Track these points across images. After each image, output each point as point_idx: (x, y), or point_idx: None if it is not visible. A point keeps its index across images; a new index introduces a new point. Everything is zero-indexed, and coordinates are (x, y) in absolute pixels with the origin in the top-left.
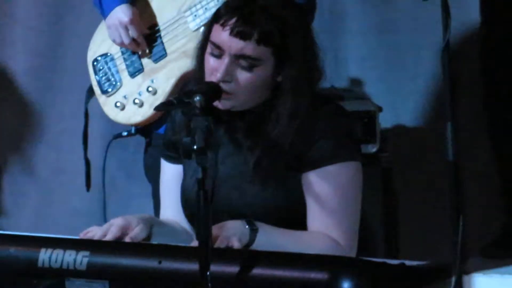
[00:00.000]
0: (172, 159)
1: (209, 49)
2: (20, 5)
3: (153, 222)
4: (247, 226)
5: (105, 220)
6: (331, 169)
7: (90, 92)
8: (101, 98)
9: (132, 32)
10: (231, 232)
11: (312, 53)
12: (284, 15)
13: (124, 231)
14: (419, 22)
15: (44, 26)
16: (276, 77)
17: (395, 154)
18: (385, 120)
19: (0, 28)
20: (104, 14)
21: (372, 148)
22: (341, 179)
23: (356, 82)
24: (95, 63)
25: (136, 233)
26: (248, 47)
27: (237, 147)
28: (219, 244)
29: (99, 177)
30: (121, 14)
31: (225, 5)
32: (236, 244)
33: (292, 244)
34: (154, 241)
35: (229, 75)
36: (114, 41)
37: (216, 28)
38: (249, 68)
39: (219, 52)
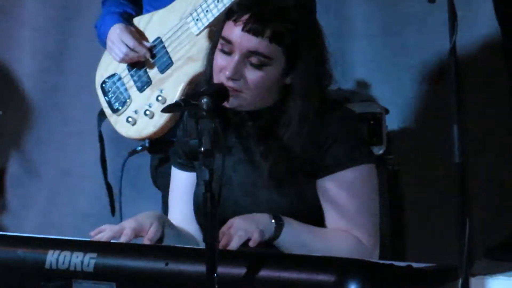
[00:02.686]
0: (183, 166)
1: (219, 45)
2: (27, 7)
3: (165, 220)
4: (273, 220)
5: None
6: (346, 174)
7: (101, 115)
8: (112, 118)
9: (127, 41)
10: (255, 224)
11: (322, 56)
12: (297, 17)
13: (137, 232)
14: (425, 25)
15: (50, 28)
16: (285, 78)
17: (401, 156)
18: (391, 122)
19: (7, 30)
20: (101, 40)
21: (379, 150)
22: (357, 183)
23: (362, 84)
24: (103, 85)
25: (152, 234)
26: (260, 44)
27: (249, 154)
28: (238, 236)
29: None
30: (113, 31)
31: (238, 2)
32: (256, 236)
33: (317, 242)
34: (165, 242)
35: (238, 73)
36: (118, 60)
37: (228, 24)
38: (259, 67)
39: (229, 49)
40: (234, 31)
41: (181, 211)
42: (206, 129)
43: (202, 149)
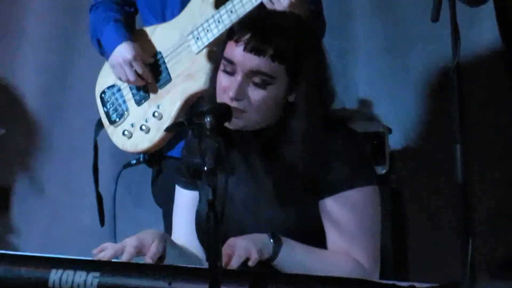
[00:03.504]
0: (186, 185)
1: (222, 66)
2: (31, 25)
3: (166, 238)
4: (271, 240)
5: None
6: (349, 194)
7: (99, 125)
8: (109, 129)
9: (137, 68)
10: (252, 243)
11: (325, 74)
12: (299, 35)
13: (139, 250)
14: (428, 43)
15: (54, 46)
16: (288, 96)
17: (404, 175)
18: (394, 141)
19: (11, 47)
20: (106, 54)
21: (382, 170)
22: (359, 204)
23: (365, 103)
24: (102, 95)
25: (154, 252)
26: (262, 63)
27: (252, 172)
28: (237, 255)
29: (110, 203)
30: (124, 52)
31: (239, 22)
32: (254, 256)
33: (316, 263)
34: (167, 261)
35: (241, 93)
36: (119, 79)
37: (230, 44)
38: (262, 86)
39: (232, 69)
40: (236, 51)
41: (185, 230)
42: (210, 148)
43: (205, 168)
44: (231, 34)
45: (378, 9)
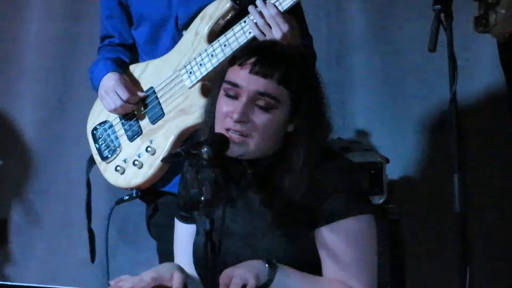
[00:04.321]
0: (184, 219)
1: (223, 91)
2: (28, 58)
3: (182, 269)
4: (266, 265)
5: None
6: (344, 223)
7: (91, 161)
8: (101, 165)
9: (122, 94)
10: (248, 270)
11: (323, 105)
12: (301, 63)
13: (156, 282)
14: (426, 74)
15: (51, 78)
16: (288, 125)
17: (402, 205)
18: (392, 172)
19: (8, 80)
20: (95, 88)
21: (379, 200)
22: (355, 233)
23: (363, 134)
24: (94, 132)
25: (179, 282)
26: (269, 85)
27: (248, 204)
28: (234, 283)
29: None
30: (107, 81)
31: (241, 48)
32: (251, 282)
33: None
34: None
35: (246, 116)
36: (109, 110)
37: (233, 68)
38: (267, 109)
39: (236, 92)
40: (241, 74)
41: (185, 263)
42: (207, 179)
43: (203, 198)
44: (234, 59)
45: (375, 41)
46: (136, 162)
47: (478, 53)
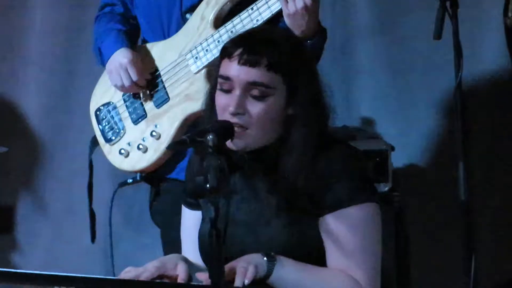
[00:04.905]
0: (191, 206)
1: (219, 86)
2: (33, 46)
3: (186, 260)
4: (264, 258)
5: (113, 273)
6: (349, 211)
7: (94, 142)
8: (105, 148)
9: (133, 74)
10: (247, 261)
11: (319, 87)
12: (288, 47)
13: (160, 272)
14: (431, 62)
15: (56, 66)
16: (287, 109)
17: (407, 193)
18: (397, 160)
19: (14, 68)
20: (104, 60)
21: (384, 188)
22: (359, 221)
23: (368, 122)
24: (97, 113)
25: (184, 273)
26: (258, 74)
27: (253, 192)
28: (237, 274)
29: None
30: (120, 57)
31: (229, 40)
32: (251, 270)
33: (311, 280)
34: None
35: (241, 108)
36: (115, 85)
37: (224, 62)
38: (261, 98)
39: (229, 86)
40: (231, 67)
41: (193, 250)
42: (212, 166)
43: (208, 186)
44: (223, 53)
45: (380, 29)
46: (140, 146)
47: (483, 41)
